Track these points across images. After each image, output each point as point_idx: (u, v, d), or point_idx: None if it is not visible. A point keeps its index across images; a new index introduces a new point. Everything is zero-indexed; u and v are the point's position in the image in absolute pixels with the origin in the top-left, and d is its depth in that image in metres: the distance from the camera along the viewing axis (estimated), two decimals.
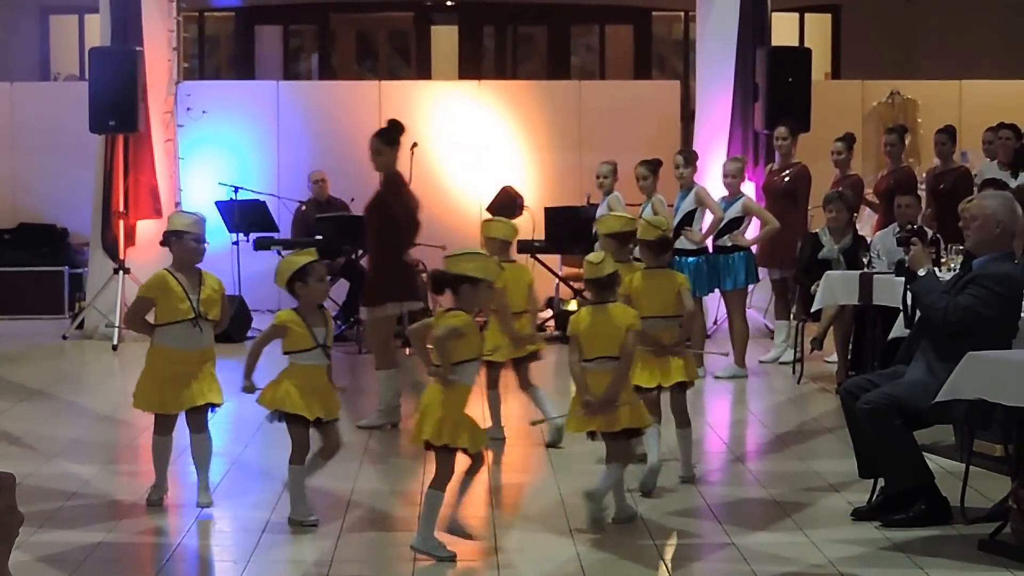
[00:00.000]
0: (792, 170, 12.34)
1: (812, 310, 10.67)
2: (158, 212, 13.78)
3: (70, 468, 8.07)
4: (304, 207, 14.83)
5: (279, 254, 14.31)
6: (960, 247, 8.50)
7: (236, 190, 14.27)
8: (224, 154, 15.42)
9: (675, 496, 7.38)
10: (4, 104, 15.98)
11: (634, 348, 6.87)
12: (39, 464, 8.12)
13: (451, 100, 16.09)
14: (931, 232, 10.47)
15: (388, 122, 9.73)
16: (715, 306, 12.87)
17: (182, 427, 7.20)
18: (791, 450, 8.68)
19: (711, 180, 12.79)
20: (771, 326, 12.96)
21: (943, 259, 9.14)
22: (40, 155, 15.66)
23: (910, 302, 7.12)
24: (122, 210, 13.67)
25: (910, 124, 15.59)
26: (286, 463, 6.87)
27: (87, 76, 14.20)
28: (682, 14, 21.25)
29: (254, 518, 6.96)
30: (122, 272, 13.54)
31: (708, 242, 11.47)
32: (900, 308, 7.74)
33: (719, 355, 10.94)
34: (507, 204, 14.40)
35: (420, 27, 22.17)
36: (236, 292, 13.26)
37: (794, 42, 19.78)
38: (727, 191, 11.67)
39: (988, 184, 10.27)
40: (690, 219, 11.36)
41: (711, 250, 11.51)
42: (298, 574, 6.25)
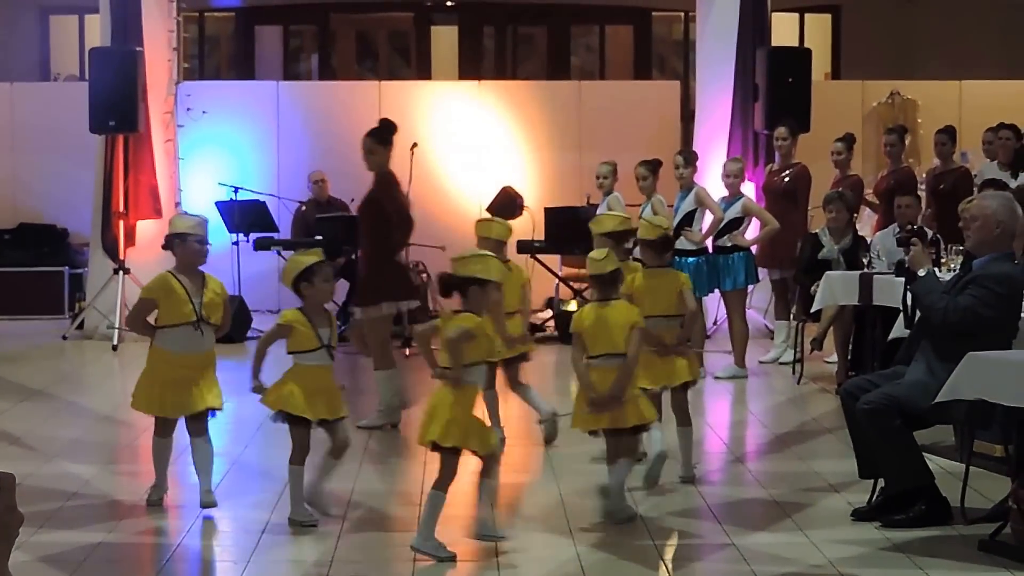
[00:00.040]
0: (792, 170, 12.34)
1: (812, 310, 10.67)
2: (158, 212, 13.78)
3: (70, 468, 8.06)
4: (304, 207, 14.84)
5: (279, 254, 14.35)
6: (960, 247, 8.49)
7: (236, 190, 14.28)
8: (224, 154, 15.43)
9: (675, 496, 7.38)
10: (4, 104, 15.98)
11: (639, 345, 6.88)
12: (39, 464, 8.12)
13: (451, 100, 16.10)
14: (931, 232, 10.47)
15: (380, 121, 9.68)
16: (715, 306, 12.87)
17: (182, 427, 7.21)
18: (791, 450, 8.68)
19: (711, 180, 12.79)
20: (771, 326, 12.95)
21: (943, 259, 9.14)
22: (40, 155, 15.66)
23: (910, 302, 7.12)
24: (122, 210, 13.67)
25: (910, 124, 15.59)
26: (286, 463, 6.87)
27: (87, 76, 14.20)
28: (682, 14, 21.24)
29: (254, 518, 6.95)
30: (122, 272, 13.54)
31: (708, 242, 11.48)
32: (900, 308, 7.73)
33: (723, 352, 10.92)
34: (507, 204, 14.40)
35: (420, 27, 22.17)
36: (236, 292, 13.26)
37: (794, 42, 19.76)
38: (727, 191, 11.67)
39: (988, 184, 10.27)
40: (690, 219, 11.36)
41: (711, 250, 11.51)
42: (298, 574, 6.26)
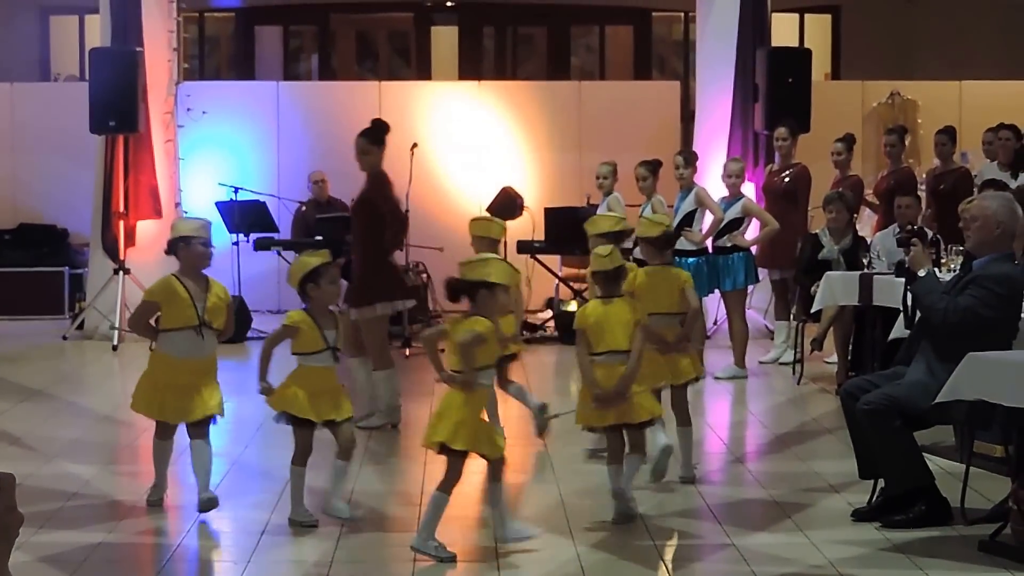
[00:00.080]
0: (792, 171, 12.34)
1: (812, 311, 10.67)
2: (158, 212, 13.78)
3: (70, 468, 8.06)
4: (304, 208, 14.84)
5: (279, 255, 14.36)
6: (960, 248, 8.49)
7: (236, 191, 14.28)
8: (224, 155, 15.43)
9: (675, 496, 7.38)
10: (4, 105, 15.98)
11: (644, 342, 6.91)
12: (39, 464, 8.12)
13: (451, 100, 16.10)
14: (931, 233, 10.47)
15: (373, 122, 9.66)
16: (715, 307, 12.87)
17: (183, 427, 7.19)
18: (791, 451, 8.67)
19: (711, 181, 12.78)
20: (771, 327, 12.95)
21: (943, 260, 9.13)
22: (40, 156, 15.66)
23: (910, 303, 7.12)
24: (122, 210, 13.66)
25: (910, 125, 15.59)
26: (286, 464, 6.87)
27: (87, 77, 14.19)
28: (682, 15, 21.25)
29: (254, 518, 6.96)
30: (122, 272, 13.53)
31: (708, 243, 11.48)
32: (900, 309, 7.73)
33: (723, 348, 10.90)
34: (507, 205, 14.41)
35: (420, 28, 22.18)
36: (236, 292, 13.25)
37: (794, 43, 19.76)
38: (728, 191, 11.67)
39: (988, 185, 10.27)
40: (690, 220, 11.35)
41: (711, 251, 11.51)
42: (298, 575, 6.26)
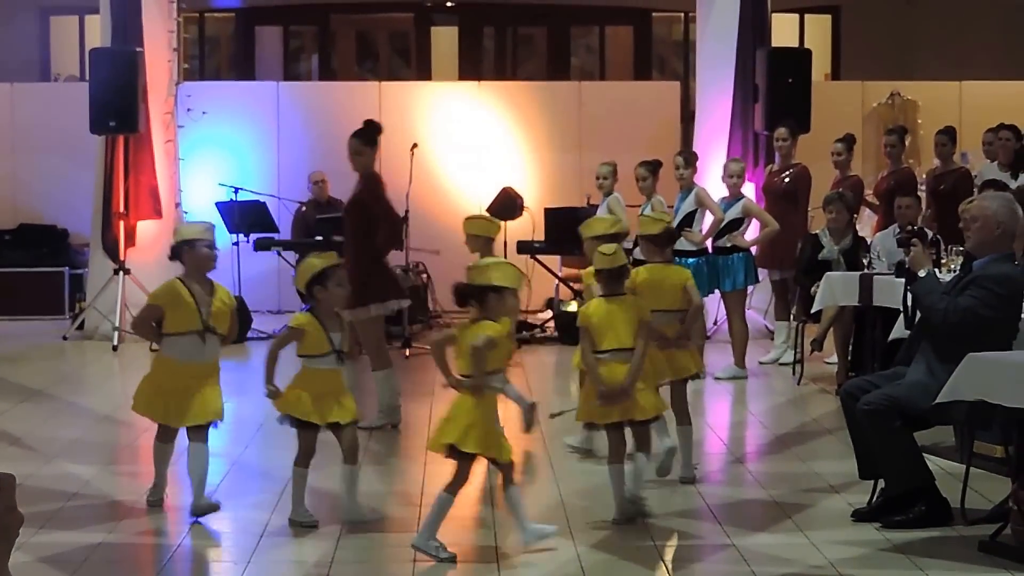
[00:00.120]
0: (792, 171, 12.34)
1: (812, 311, 10.67)
2: (158, 213, 13.79)
3: (70, 469, 8.06)
4: (304, 208, 14.84)
5: (279, 255, 14.36)
6: (960, 248, 8.49)
7: (236, 191, 14.28)
8: (224, 155, 15.43)
9: (675, 497, 7.38)
10: (4, 105, 15.98)
11: (648, 340, 6.95)
12: (39, 465, 8.12)
13: (451, 101, 16.10)
14: (931, 233, 10.47)
15: (365, 123, 9.66)
16: (715, 307, 12.86)
17: (183, 429, 7.19)
18: (791, 451, 8.67)
19: (711, 181, 12.78)
20: (771, 327, 12.94)
21: (943, 260, 9.13)
22: (40, 156, 15.66)
23: (910, 303, 7.12)
24: (122, 211, 13.66)
25: (910, 125, 15.59)
26: (286, 464, 6.87)
27: (87, 77, 14.20)
28: (682, 15, 21.25)
29: (254, 519, 6.95)
30: (122, 273, 13.53)
31: (708, 243, 11.48)
32: (900, 309, 7.73)
33: (722, 342, 10.88)
34: (507, 205, 14.41)
35: (420, 28, 22.18)
36: (236, 293, 13.23)
37: (794, 43, 19.77)
38: (728, 191, 11.67)
39: (988, 185, 10.26)
40: (690, 220, 11.35)
41: (711, 251, 11.51)
42: (299, 575, 6.26)
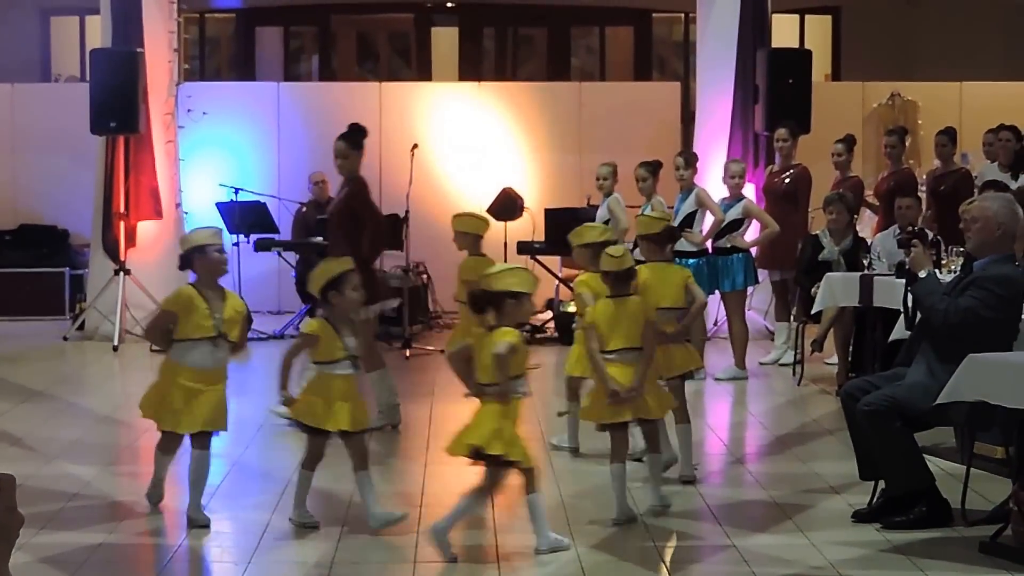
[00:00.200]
0: (792, 172, 12.34)
1: (812, 312, 10.67)
2: (159, 213, 13.79)
3: (71, 469, 8.06)
4: (304, 208, 14.85)
5: (279, 255, 14.37)
6: (961, 249, 8.49)
7: (236, 191, 14.29)
8: (225, 155, 15.44)
9: (675, 497, 7.37)
10: (5, 105, 15.98)
11: (655, 340, 6.99)
12: (40, 465, 8.12)
13: (451, 101, 16.10)
14: (931, 234, 10.47)
15: (351, 126, 9.63)
16: (715, 308, 12.86)
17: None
18: (791, 452, 8.67)
19: (711, 182, 12.78)
20: (771, 328, 12.95)
21: (943, 261, 9.14)
22: (41, 156, 15.67)
23: (910, 304, 7.12)
24: (123, 211, 13.66)
25: (910, 126, 15.59)
26: (286, 465, 6.88)
27: (88, 77, 14.20)
28: (682, 15, 21.25)
29: (255, 519, 6.96)
30: (123, 273, 13.54)
31: (708, 244, 11.48)
32: (900, 310, 7.73)
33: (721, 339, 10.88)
34: (507, 205, 14.42)
35: (420, 28, 22.18)
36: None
37: (794, 43, 19.77)
38: (729, 192, 11.68)
39: (989, 186, 10.26)
40: (690, 221, 11.35)
41: (710, 252, 11.51)
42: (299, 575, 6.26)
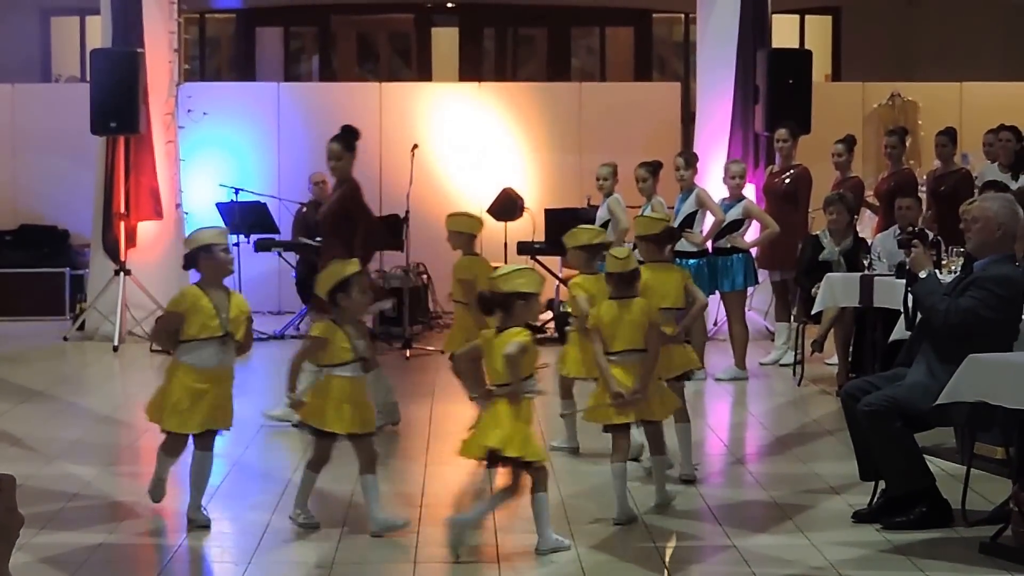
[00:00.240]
0: (793, 172, 12.33)
1: (813, 312, 10.67)
2: (159, 213, 13.79)
3: (71, 469, 8.06)
4: (305, 209, 14.84)
5: (280, 256, 14.37)
6: (961, 249, 8.50)
7: (237, 191, 14.29)
8: (225, 156, 15.44)
9: (676, 498, 7.37)
10: (5, 106, 15.98)
11: (659, 341, 7.02)
12: (40, 465, 8.12)
13: (451, 102, 16.10)
14: (932, 234, 10.46)
15: (344, 128, 9.63)
16: (715, 308, 12.86)
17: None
18: (792, 452, 8.67)
19: (711, 182, 12.78)
20: (771, 328, 12.95)
21: (944, 261, 9.14)
22: (41, 157, 15.67)
23: (911, 304, 7.12)
24: (123, 211, 13.66)
25: (910, 126, 15.58)
26: (287, 465, 6.88)
27: (88, 78, 14.20)
28: (682, 16, 21.24)
29: (255, 520, 6.96)
30: (123, 273, 13.54)
31: (708, 244, 11.47)
32: (901, 310, 7.73)
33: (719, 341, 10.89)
34: (508, 206, 14.42)
35: (421, 29, 22.18)
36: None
37: (794, 44, 19.76)
38: (729, 192, 11.68)
39: (989, 186, 10.26)
40: (691, 221, 11.35)
41: (711, 252, 11.51)
42: None
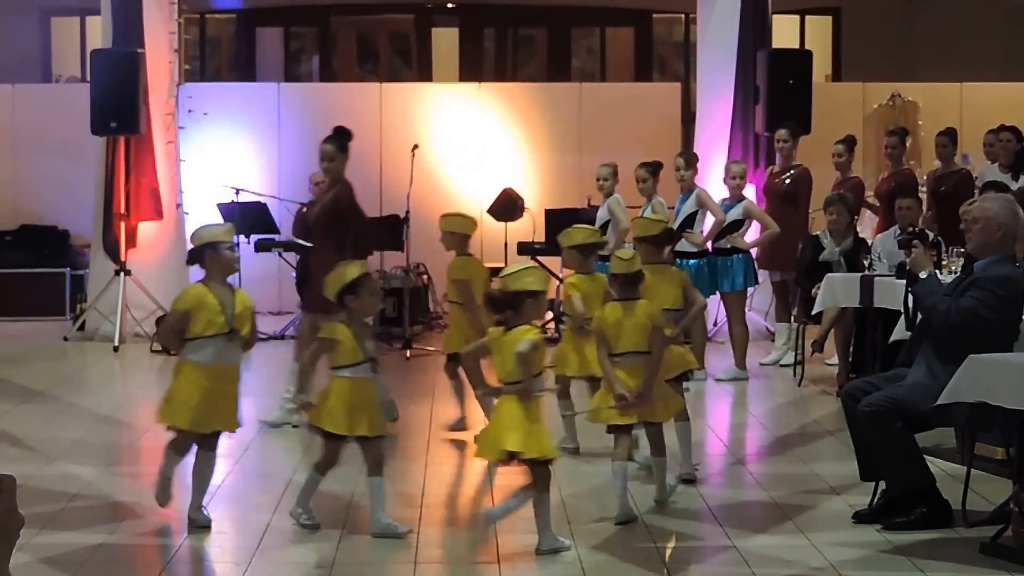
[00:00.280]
0: (793, 172, 12.33)
1: (813, 312, 10.67)
2: (159, 214, 13.79)
3: (71, 470, 8.06)
4: (305, 209, 14.81)
5: (280, 256, 14.37)
6: (961, 250, 8.50)
7: (237, 192, 14.29)
8: (225, 156, 15.44)
9: (676, 498, 7.37)
10: (5, 106, 15.98)
11: (663, 343, 7.04)
12: (40, 466, 8.12)
13: (452, 102, 16.10)
14: (932, 235, 10.46)
15: (336, 129, 9.65)
16: (715, 308, 12.86)
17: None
18: (792, 452, 8.67)
19: (712, 182, 12.78)
20: (772, 328, 12.95)
21: (944, 262, 9.14)
22: (41, 157, 15.66)
23: (911, 305, 7.12)
24: (123, 212, 13.67)
25: (911, 126, 15.58)
26: (287, 465, 6.87)
27: (88, 78, 14.20)
28: (683, 16, 21.23)
29: (255, 520, 6.96)
30: (123, 274, 13.54)
31: (708, 244, 11.47)
32: (901, 311, 7.73)
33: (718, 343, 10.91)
34: (508, 206, 14.42)
35: (421, 29, 22.17)
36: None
37: (795, 44, 19.74)
38: (729, 193, 11.68)
39: (989, 187, 10.26)
40: (691, 221, 11.35)
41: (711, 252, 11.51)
42: None
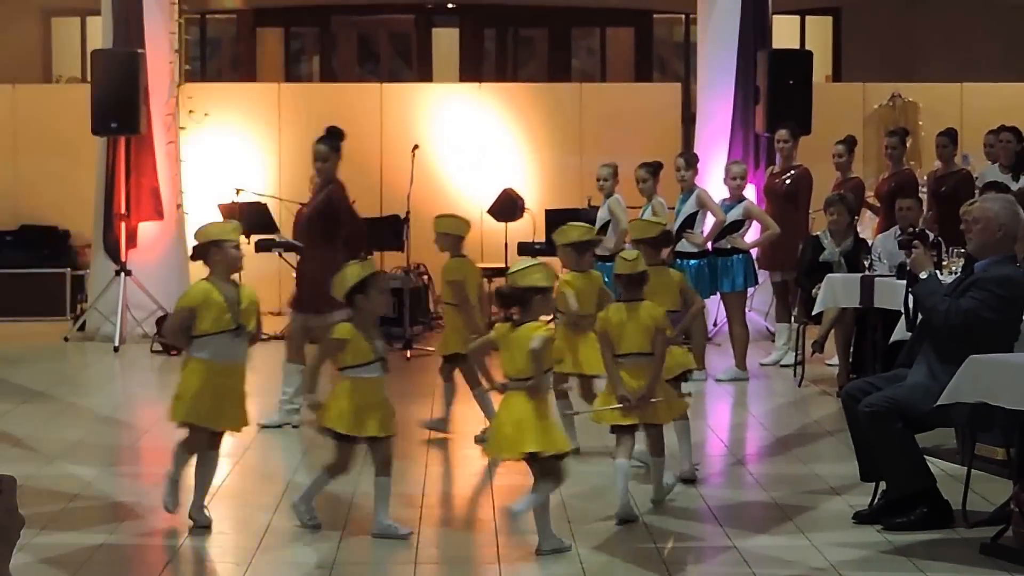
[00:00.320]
0: (793, 173, 12.33)
1: (813, 313, 10.67)
2: (160, 214, 13.79)
3: (72, 470, 8.06)
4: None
5: (280, 256, 14.37)
6: (961, 250, 8.49)
7: (237, 192, 14.29)
8: (226, 156, 15.44)
9: (676, 498, 7.37)
10: (6, 106, 15.97)
11: (666, 344, 7.06)
12: (41, 466, 8.12)
13: (452, 102, 16.09)
14: (932, 235, 10.46)
15: (329, 129, 9.64)
16: (715, 309, 12.86)
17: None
18: (792, 453, 8.67)
19: (712, 183, 12.78)
20: (772, 329, 12.94)
21: (944, 262, 9.14)
22: (42, 157, 15.66)
23: (911, 305, 7.12)
24: (124, 212, 13.66)
25: (911, 127, 15.57)
26: (287, 465, 6.87)
27: (89, 78, 14.20)
28: (683, 16, 21.22)
29: (255, 520, 6.96)
30: (123, 274, 13.54)
31: (709, 245, 11.47)
32: (901, 311, 7.73)
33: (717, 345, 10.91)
34: (508, 206, 14.43)
35: (421, 29, 22.17)
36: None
37: (795, 44, 19.73)
38: (730, 193, 11.68)
39: (990, 187, 10.26)
40: (691, 222, 11.35)
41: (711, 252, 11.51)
42: None
